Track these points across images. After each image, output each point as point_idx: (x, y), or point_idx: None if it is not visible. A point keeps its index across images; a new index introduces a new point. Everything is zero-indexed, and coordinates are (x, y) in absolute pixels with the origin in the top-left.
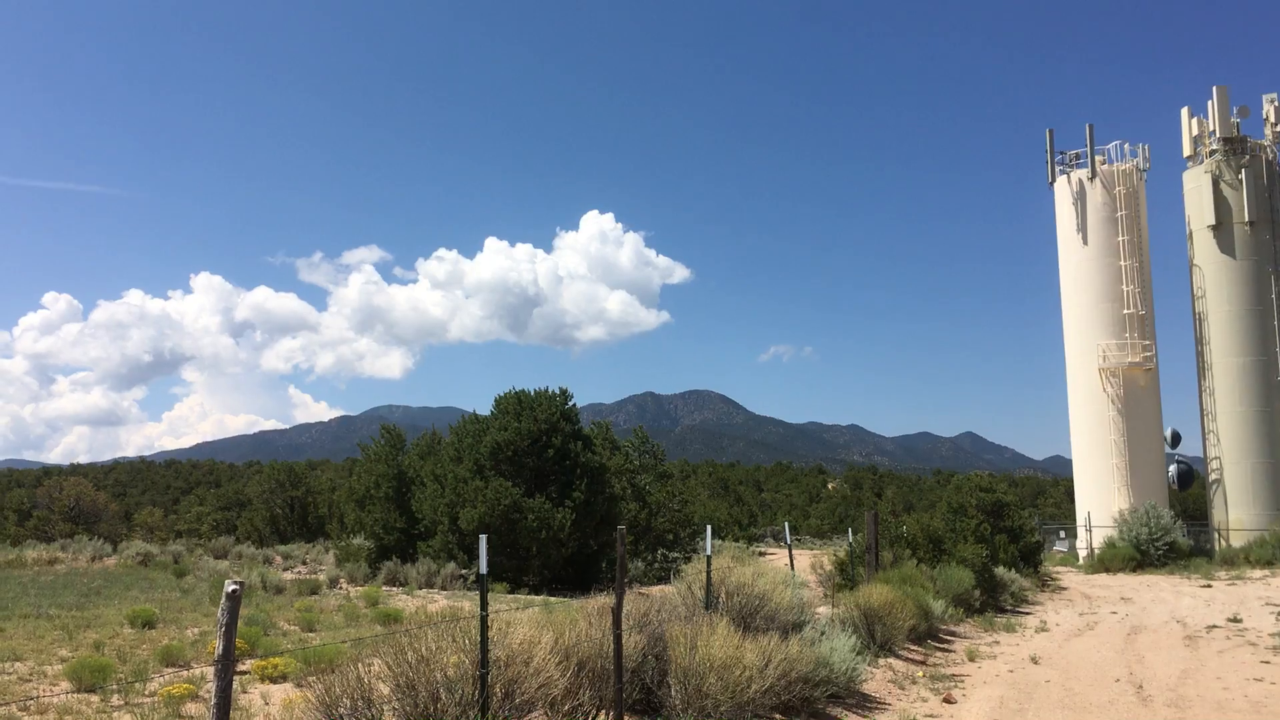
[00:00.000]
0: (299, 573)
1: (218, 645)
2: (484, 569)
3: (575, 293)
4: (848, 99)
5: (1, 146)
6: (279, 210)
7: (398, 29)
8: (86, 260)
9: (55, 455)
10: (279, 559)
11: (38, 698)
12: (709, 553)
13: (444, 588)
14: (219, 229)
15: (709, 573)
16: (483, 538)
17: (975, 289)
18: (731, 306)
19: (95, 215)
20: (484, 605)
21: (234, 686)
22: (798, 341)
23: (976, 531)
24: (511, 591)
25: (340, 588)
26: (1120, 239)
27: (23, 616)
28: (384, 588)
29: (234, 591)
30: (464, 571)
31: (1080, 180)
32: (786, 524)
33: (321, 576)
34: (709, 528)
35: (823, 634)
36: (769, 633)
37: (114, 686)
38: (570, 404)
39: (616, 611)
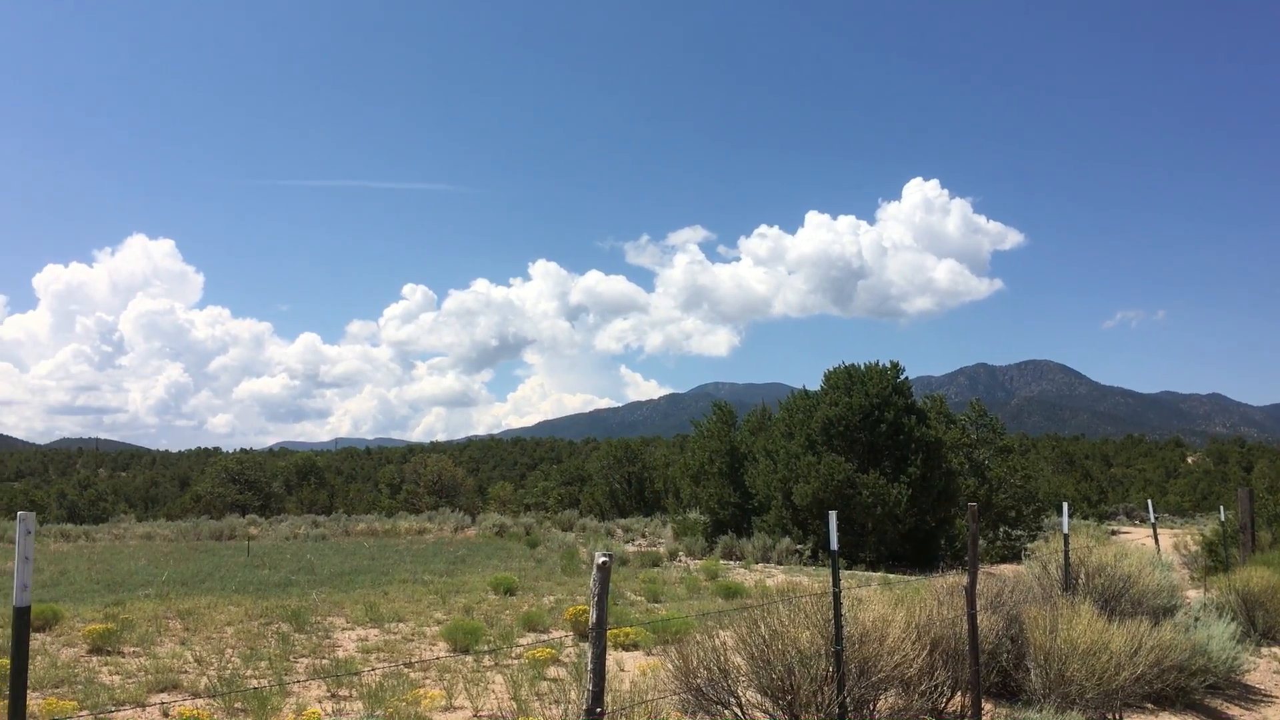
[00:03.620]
0: (639, 545)
1: (591, 613)
2: (834, 545)
3: (901, 263)
4: (1191, 52)
5: (365, 155)
6: (607, 198)
7: (705, 17)
8: (438, 253)
9: (417, 434)
10: (620, 532)
11: (419, 661)
12: (1065, 531)
13: (780, 562)
14: (553, 219)
15: (1066, 552)
16: (831, 514)
17: None
18: (1071, 271)
19: (445, 212)
20: (836, 581)
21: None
22: (1148, 306)
23: None
24: (848, 568)
25: (679, 560)
26: None
27: (402, 581)
28: (721, 561)
29: (604, 563)
30: (799, 546)
31: None
32: (1150, 501)
33: (661, 549)
34: (1065, 505)
35: (1196, 620)
36: (1136, 617)
37: (484, 648)
38: (902, 378)
39: (970, 591)
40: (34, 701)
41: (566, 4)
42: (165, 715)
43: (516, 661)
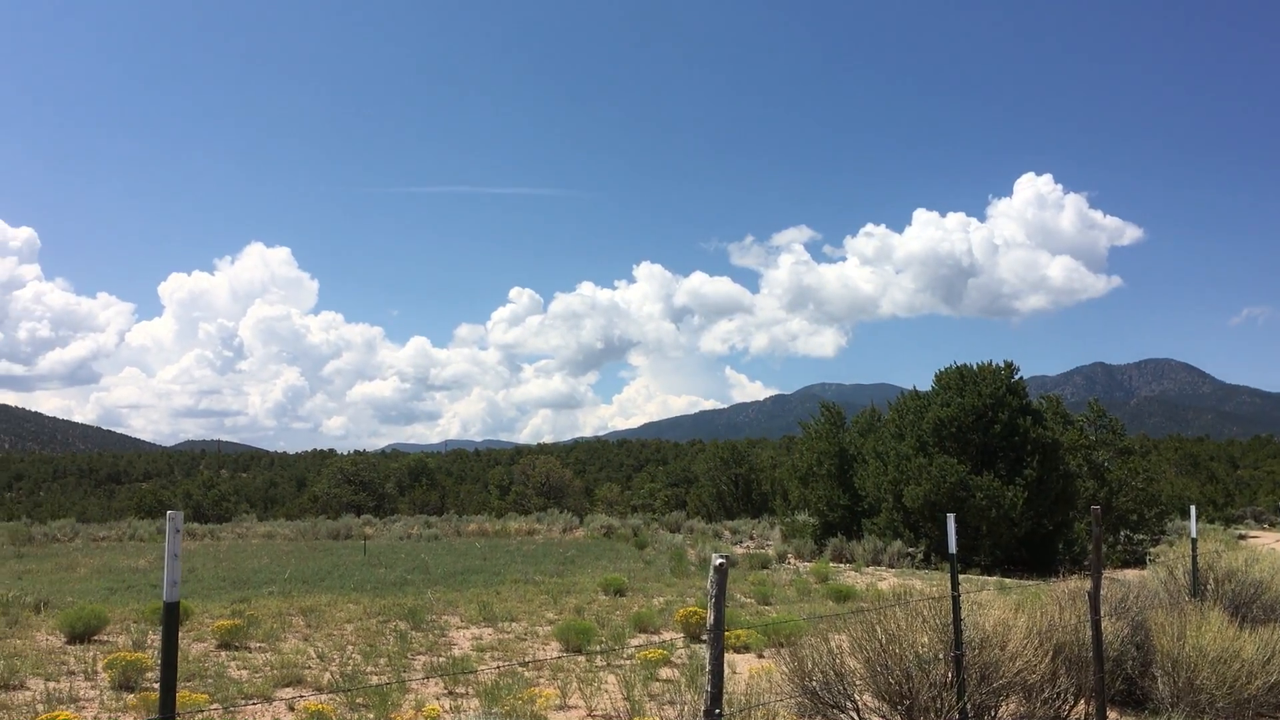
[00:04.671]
0: (747, 547)
1: (709, 615)
2: (952, 548)
3: (1013, 261)
4: None
5: (472, 162)
6: (710, 199)
7: (810, 12)
8: (544, 257)
9: (524, 436)
10: (727, 534)
11: (533, 660)
12: (1193, 535)
13: (891, 565)
14: (657, 221)
15: (1194, 557)
16: (949, 517)
17: None
18: (1194, 267)
19: (550, 216)
20: (955, 585)
21: (700, 654)
22: (1278, 302)
23: None
24: (962, 572)
25: (789, 562)
26: None
27: (514, 581)
28: (831, 563)
29: (721, 565)
30: (911, 549)
31: None
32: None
33: (770, 551)
34: (1193, 509)
35: None
36: (1269, 624)
37: (596, 648)
38: (1016, 377)
39: (1094, 596)
40: None
41: (667, 3)
42: (291, 709)
43: (628, 662)
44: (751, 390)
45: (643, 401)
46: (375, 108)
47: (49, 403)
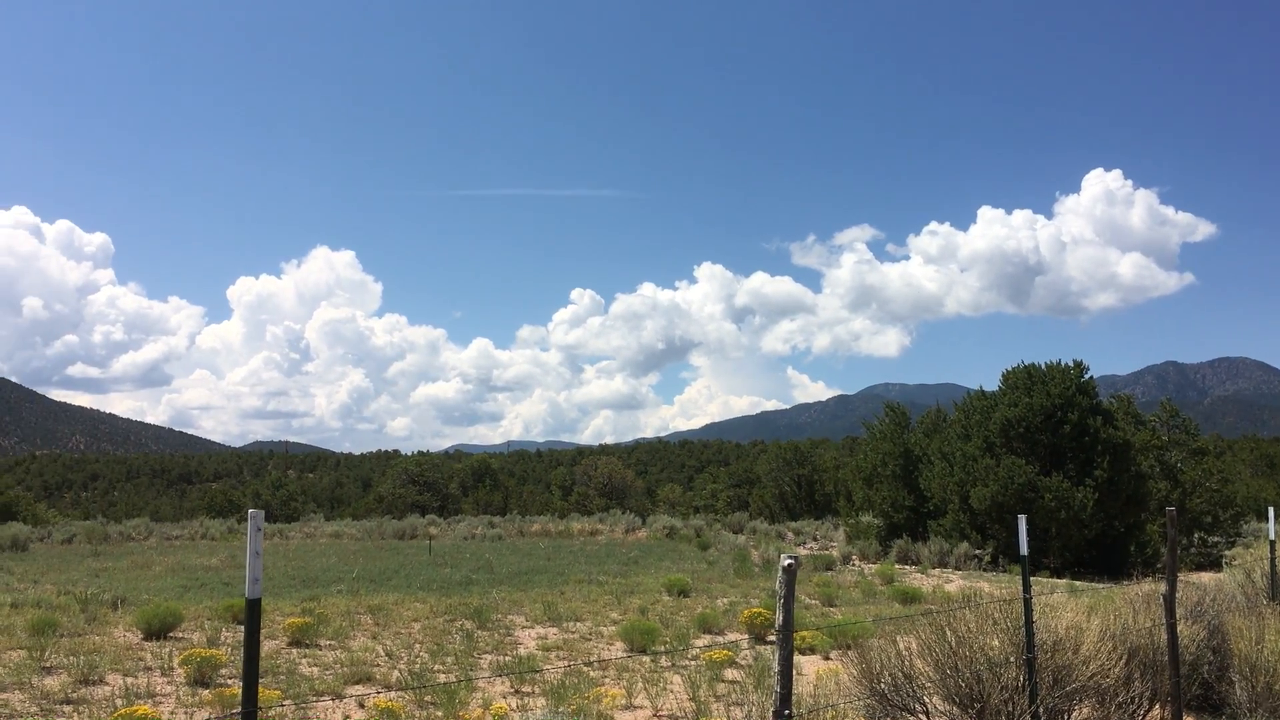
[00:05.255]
0: (811, 548)
1: (777, 615)
2: (1024, 549)
3: (1081, 258)
4: None
5: (533, 164)
6: (772, 199)
7: (868, 9)
8: (605, 258)
9: (586, 436)
10: (790, 535)
11: (598, 660)
12: (1272, 537)
13: (957, 567)
14: (718, 222)
15: (1273, 559)
16: (1020, 518)
17: None
18: (1269, 263)
19: (611, 217)
20: (1026, 587)
21: (765, 655)
22: None
23: None
24: (1030, 574)
25: (853, 564)
26: None
27: (577, 581)
28: (896, 565)
29: (790, 565)
30: (978, 551)
31: None
32: None
33: (834, 552)
34: (1270, 510)
35: None
36: None
37: (661, 649)
38: (1086, 377)
39: (1169, 599)
40: (241, 691)
41: (723, 4)
42: (361, 706)
43: (693, 662)
44: (814, 390)
45: (704, 402)
46: (438, 114)
47: (123, 404)
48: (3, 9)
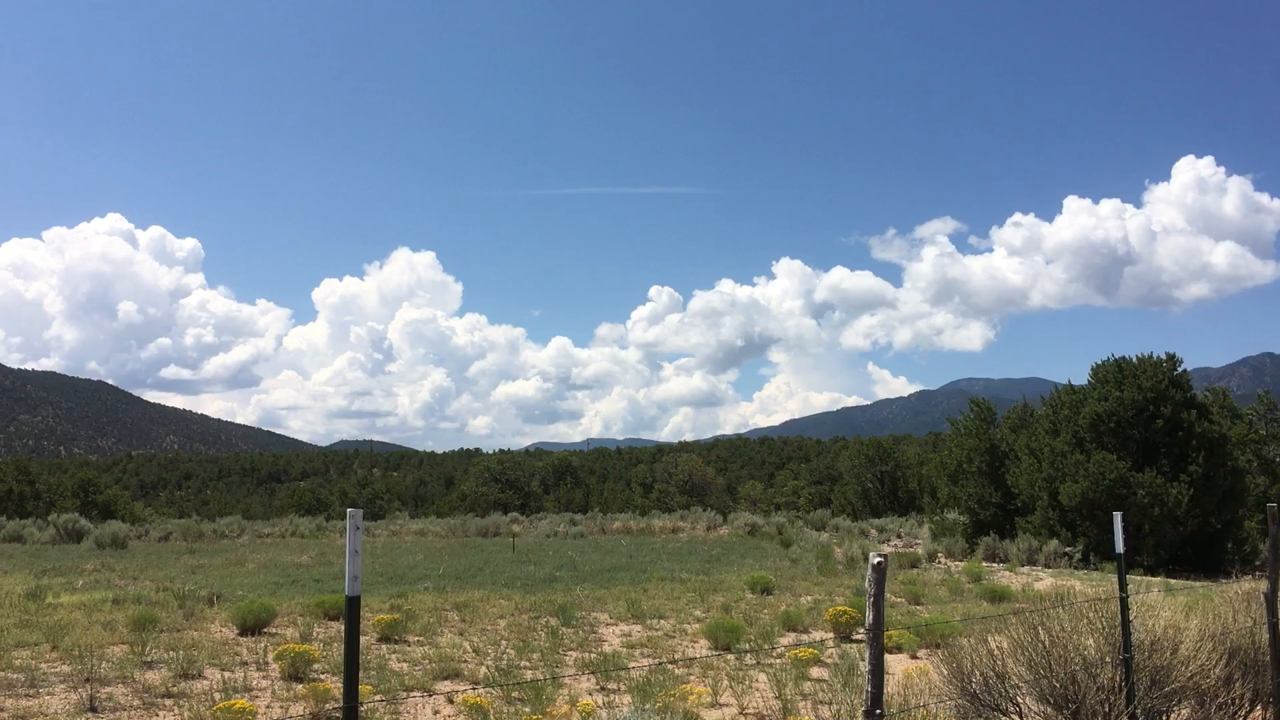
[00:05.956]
0: (895, 546)
1: (867, 614)
2: (1119, 547)
3: (1172, 248)
4: None
5: (609, 162)
6: (850, 193)
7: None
8: (683, 255)
9: (665, 434)
10: (874, 532)
11: (682, 659)
12: None
13: (1047, 565)
14: (796, 217)
15: None
16: (1116, 515)
17: None
18: None
19: (688, 214)
20: (1123, 585)
21: (851, 654)
22: None
23: None
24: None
25: (939, 562)
26: None
27: (660, 579)
28: (983, 563)
29: (879, 563)
30: (1068, 549)
31: None
32: None
33: (918, 550)
34: None
35: None
36: None
37: (745, 647)
38: (1179, 370)
39: (1270, 598)
40: (335, 686)
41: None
42: (450, 702)
43: (778, 661)
44: (895, 386)
45: (783, 398)
46: (515, 117)
47: (214, 405)
48: (99, 26)
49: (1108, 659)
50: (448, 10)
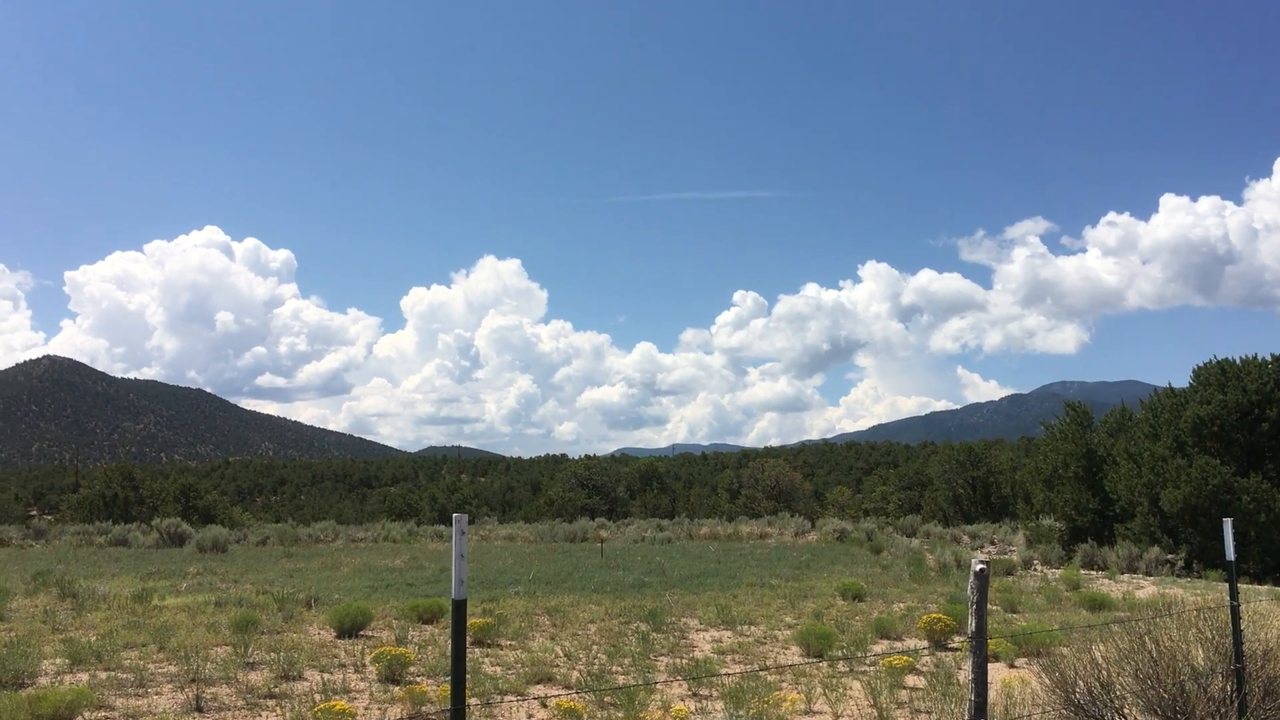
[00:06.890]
0: (989, 552)
1: (970, 621)
2: (1230, 555)
3: (1276, 246)
4: None
5: (692, 167)
6: (938, 194)
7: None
8: (767, 259)
9: (750, 439)
10: (966, 538)
11: (774, 666)
12: None
13: (1148, 573)
14: (882, 219)
15: None
16: (1227, 522)
17: None
18: None
19: (772, 218)
20: (1234, 594)
21: (947, 662)
22: None
23: None
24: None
25: (1034, 569)
26: None
27: (749, 585)
28: (1081, 570)
29: (982, 570)
30: (1169, 556)
31: None
32: None
33: (1013, 557)
34: None
35: None
36: None
37: (838, 654)
38: None
39: None
40: (430, 688)
41: (885, 3)
42: (544, 706)
43: (872, 668)
44: (985, 390)
45: (870, 403)
46: (597, 123)
47: (307, 412)
48: (197, 49)
49: (1218, 669)
50: (531, 21)
